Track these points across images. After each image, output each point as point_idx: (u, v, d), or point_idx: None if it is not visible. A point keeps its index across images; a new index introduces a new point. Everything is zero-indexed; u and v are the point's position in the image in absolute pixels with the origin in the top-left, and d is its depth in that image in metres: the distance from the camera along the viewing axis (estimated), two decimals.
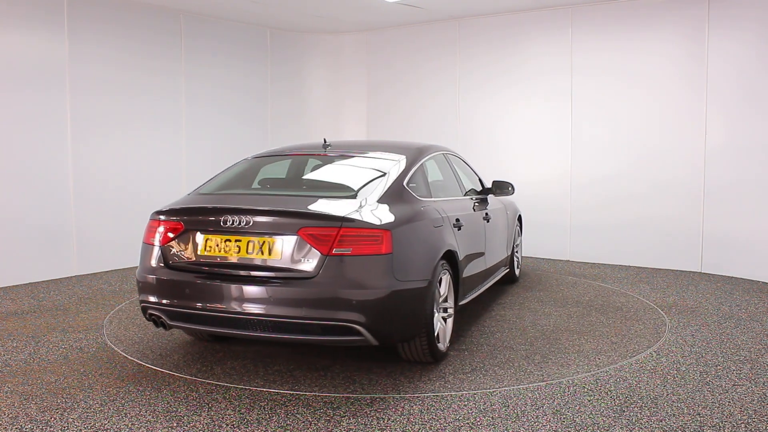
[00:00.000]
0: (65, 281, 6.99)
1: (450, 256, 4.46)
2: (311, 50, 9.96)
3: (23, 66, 6.80)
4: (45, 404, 3.64)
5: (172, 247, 3.97)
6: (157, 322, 4.06)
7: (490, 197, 6.01)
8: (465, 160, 6.03)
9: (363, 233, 3.66)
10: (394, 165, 4.46)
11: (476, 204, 5.48)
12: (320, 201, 3.96)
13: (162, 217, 4.05)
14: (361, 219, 3.71)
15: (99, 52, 7.41)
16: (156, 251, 4.03)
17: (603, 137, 8.02)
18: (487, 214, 5.59)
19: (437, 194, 4.86)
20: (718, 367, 4.28)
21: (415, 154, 4.76)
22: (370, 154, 4.84)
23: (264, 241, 3.74)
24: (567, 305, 5.92)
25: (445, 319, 4.46)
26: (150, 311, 4.03)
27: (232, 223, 3.79)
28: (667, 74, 7.55)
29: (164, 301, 3.93)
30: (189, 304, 3.84)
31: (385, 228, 3.74)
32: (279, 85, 9.61)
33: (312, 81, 10.06)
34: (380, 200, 4.00)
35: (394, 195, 4.13)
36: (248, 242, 3.77)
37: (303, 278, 3.64)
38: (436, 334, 4.20)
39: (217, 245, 3.84)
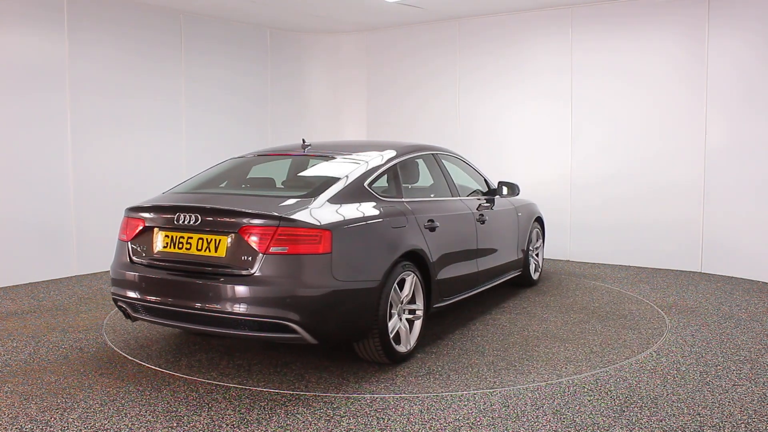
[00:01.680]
0: (65, 281, 6.99)
1: (417, 258, 4.45)
2: (311, 50, 9.96)
3: (23, 65, 6.80)
4: (45, 404, 3.64)
5: (136, 243, 4.18)
6: (125, 314, 4.27)
7: (499, 198, 5.94)
8: (467, 161, 5.99)
9: (300, 233, 3.71)
10: (362, 166, 4.48)
11: (470, 205, 5.42)
12: (270, 200, 4.05)
13: (129, 214, 4.26)
14: (299, 219, 3.75)
15: (99, 51, 7.42)
16: (124, 246, 4.25)
17: (603, 137, 8.02)
18: (482, 215, 5.50)
19: (413, 195, 4.88)
20: (718, 367, 4.28)
21: (391, 155, 4.79)
22: (346, 155, 4.83)
23: (211, 239, 3.88)
24: (571, 311, 5.78)
25: (411, 321, 4.45)
26: (119, 303, 4.26)
27: (184, 221, 3.94)
28: (667, 74, 7.55)
29: (128, 294, 4.12)
30: (147, 297, 4.03)
31: (325, 228, 3.77)
32: (279, 85, 9.60)
33: (312, 81, 10.05)
34: (332, 200, 4.04)
35: (350, 195, 4.18)
36: (198, 239, 3.91)
37: (243, 275, 3.74)
38: (392, 335, 4.18)
39: (172, 242, 4.00)
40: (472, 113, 8.95)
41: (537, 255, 6.89)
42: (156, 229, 4.08)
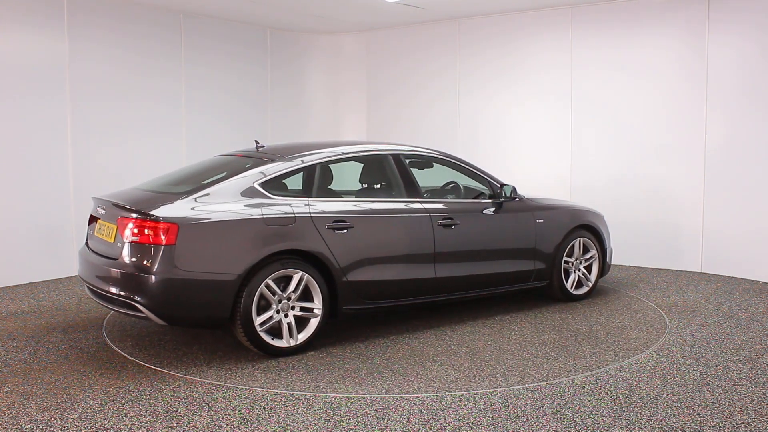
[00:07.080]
0: (65, 281, 6.99)
1: (313, 257, 4.55)
2: (311, 50, 9.95)
3: (23, 65, 6.79)
4: (45, 404, 3.65)
5: (89, 230, 4.95)
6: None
7: (514, 202, 5.70)
8: (462, 162, 5.70)
9: (149, 225, 4.21)
10: (264, 166, 4.72)
11: (431, 208, 5.20)
12: (155, 197, 4.53)
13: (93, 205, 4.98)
14: (151, 213, 4.23)
15: (99, 51, 7.40)
16: (86, 233, 5.02)
17: (603, 136, 8.01)
18: (448, 219, 5.21)
19: (336, 195, 5.08)
20: (718, 367, 4.28)
21: (318, 156, 4.93)
22: (278, 156, 4.88)
23: (109, 228, 4.54)
24: (557, 331, 5.09)
25: (306, 319, 4.56)
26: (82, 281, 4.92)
27: (101, 212, 4.70)
28: (668, 72, 7.53)
29: (81, 276, 4.83)
30: (85, 276, 4.74)
31: (173, 222, 4.19)
32: (278, 84, 9.59)
33: (312, 81, 10.05)
34: (202, 197, 4.43)
35: (228, 193, 4.50)
36: (107, 228, 4.59)
37: (115, 260, 4.36)
38: (262, 327, 4.35)
39: (99, 230, 4.70)
40: (473, 113, 8.94)
41: (589, 268, 6.18)
42: (96, 219, 4.82)
